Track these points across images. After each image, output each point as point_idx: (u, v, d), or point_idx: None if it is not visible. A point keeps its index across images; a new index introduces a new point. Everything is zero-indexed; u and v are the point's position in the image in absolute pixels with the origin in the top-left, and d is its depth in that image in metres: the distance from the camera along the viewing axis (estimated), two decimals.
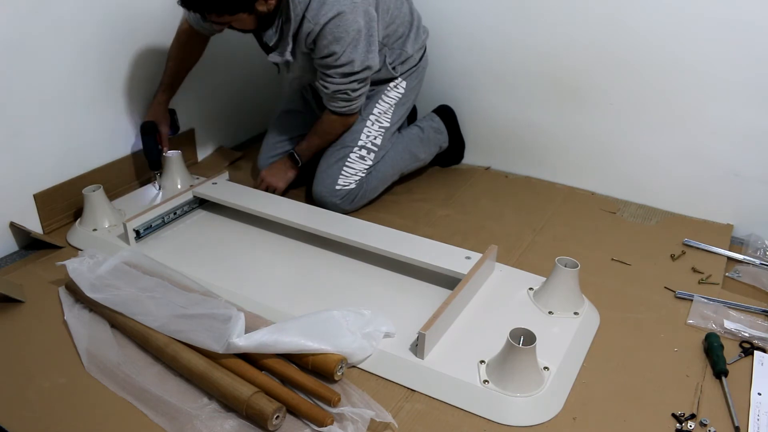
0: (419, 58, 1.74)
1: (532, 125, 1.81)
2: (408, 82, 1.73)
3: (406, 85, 1.72)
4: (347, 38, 1.46)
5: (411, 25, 1.68)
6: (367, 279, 1.39)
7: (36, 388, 1.11)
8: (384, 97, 1.70)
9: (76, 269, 1.28)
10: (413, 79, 1.74)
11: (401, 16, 1.64)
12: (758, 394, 1.10)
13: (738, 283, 1.41)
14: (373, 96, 1.69)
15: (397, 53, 1.66)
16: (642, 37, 1.56)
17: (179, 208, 1.60)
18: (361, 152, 1.66)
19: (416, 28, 1.70)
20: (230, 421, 1.03)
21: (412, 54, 1.69)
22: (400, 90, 1.72)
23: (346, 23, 1.44)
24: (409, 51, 1.68)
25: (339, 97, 1.57)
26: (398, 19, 1.63)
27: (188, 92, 1.83)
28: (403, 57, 1.67)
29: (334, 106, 1.60)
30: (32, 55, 1.45)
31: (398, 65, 1.68)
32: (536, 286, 1.33)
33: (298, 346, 1.09)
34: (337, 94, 1.56)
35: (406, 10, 1.66)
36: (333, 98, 1.58)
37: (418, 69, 1.75)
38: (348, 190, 1.63)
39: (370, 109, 1.68)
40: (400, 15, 1.64)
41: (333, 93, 1.56)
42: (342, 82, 1.53)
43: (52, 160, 1.57)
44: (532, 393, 1.06)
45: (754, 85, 1.48)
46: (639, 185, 1.72)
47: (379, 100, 1.69)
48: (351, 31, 1.45)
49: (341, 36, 1.45)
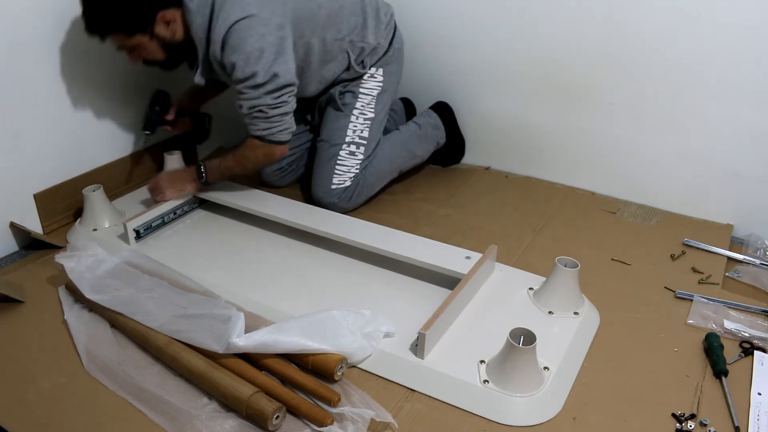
0: (388, 45, 1.66)
1: (532, 125, 1.81)
2: (385, 68, 1.66)
3: (384, 72, 1.66)
4: (245, 47, 1.35)
5: (365, 14, 1.59)
6: (367, 279, 1.39)
7: (36, 388, 1.11)
8: (362, 89, 1.65)
9: (75, 269, 1.28)
10: (390, 65, 1.68)
11: (348, 8, 1.55)
12: (758, 394, 1.10)
13: (738, 283, 1.41)
14: (351, 91, 1.65)
15: (359, 48, 1.59)
16: (642, 37, 1.56)
17: (179, 208, 1.60)
18: (350, 148, 1.64)
19: (374, 18, 1.60)
20: (230, 421, 1.03)
21: (378, 42, 1.62)
22: (378, 79, 1.66)
23: (242, 30, 1.35)
24: (372, 41, 1.60)
25: (255, 115, 1.42)
26: (345, 11, 1.54)
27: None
28: (367, 50, 1.61)
29: (255, 130, 1.44)
30: (32, 55, 1.45)
31: (365, 58, 1.62)
32: (536, 286, 1.33)
33: (298, 346, 1.09)
34: (252, 112, 1.41)
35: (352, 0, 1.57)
36: (250, 119, 1.43)
37: (392, 54, 1.68)
38: (344, 188, 1.63)
39: (352, 104, 1.65)
40: (345, 6, 1.54)
41: (249, 110, 1.41)
42: (253, 95, 1.39)
43: (52, 160, 1.57)
44: (532, 393, 1.06)
45: (754, 85, 1.48)
46: (639, 185, 1.72)
47: (359, 94, 1.65)
48: (249, 38, 1.35)
49: (237, 44, 1.35)
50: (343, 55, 1.59)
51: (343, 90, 1.65)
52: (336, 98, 1.64)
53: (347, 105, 1.65)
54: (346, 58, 1.59)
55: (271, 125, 1.44)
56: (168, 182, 1.57)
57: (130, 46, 1.42)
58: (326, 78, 1.62)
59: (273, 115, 1.42)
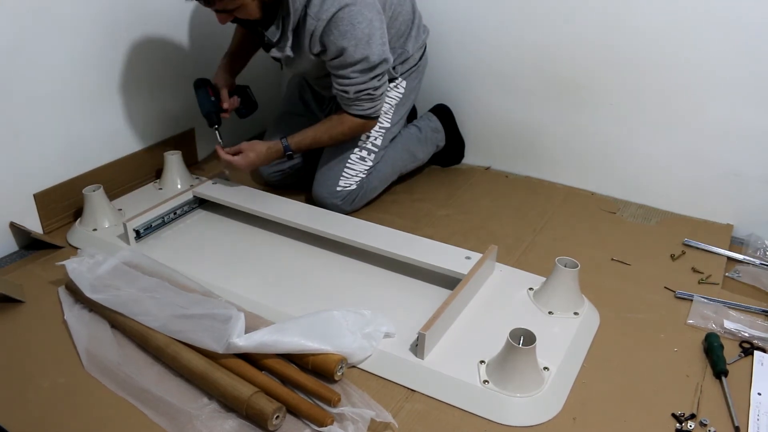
0: (419, 58, 1.73)
1: (532, 125, 1.81)
2: (408, 82, 1.71)
3: (407, 85, 1.71)
4: (356, 32, 1.38)
5: (412, 24, 1.66)
6: (367, 279, 1.39)
7: (36, 388, 1.11)
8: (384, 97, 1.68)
9: (76, 269, 1.28)
10: (413, 79, 1.73)
11: (403, 14, 1.62)
12: (758, 394, 1.10)
13: (738, 283, 1.41)
14: None
15: (398, 52, 1.64)
16: (642, 37, 1.56)
17: (179, 208, 1.60)
18: (361, 153, 1.65)
19: (417, 27, 1.68)
20: (230, 421, 1.03)
21: (413, 53, 1.68)
22: (401, 90, 1.70)
23: (352, 15, 1.37)
24: (410, 50, 1.66)
25: (362, 98, 1.47)
26: (401, 17, 1.60)
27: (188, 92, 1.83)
28: (403, 56, 1.66)
29: (358, 109, 1.50)
30: (32, 55, 1.45)
31: (398, 65, 1.66)
32: (536, 286, 1.33)
33: (298, 346, 1.09)
34: (360, 95, 1.47)
35: (408, 7, 1.64)
36: (356, 100, 1.48)
37: (418, 68, 1.74)
38: (349, 191, 1.63)
39: None
40: (402, 13, 1.61)
41: (356, 95, 1.46)
42: (362, 80, 1.44)
43: (52, 160, 1.57)
44: (532, 393, 1.06)
45: (755, 85, 1.48)
46: (639, 185, 1.72)
47: None
48: (358, 24, 1.37)
49: (347, 30, 1.37)
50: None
51: None
52: None
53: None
54: None
55: (375, 104, 1.51)
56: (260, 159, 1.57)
57: (233, 7, 1.36)
58: None
59: (378, 96, 1.50)
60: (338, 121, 1.55)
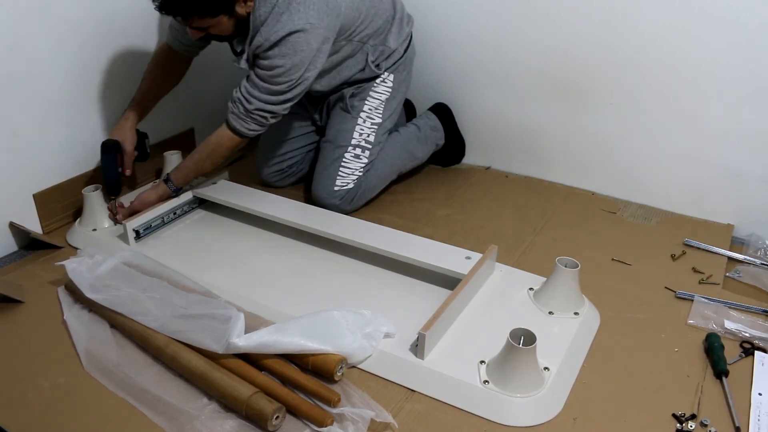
0: (404, 50, 1.69)
1: (532, 125, 1.81)
2: (396, 75, 1.68)
3: (394, 78, 1.68)
4: (295, 58, 1.39)
5: (393, 19, 1.63)
6: (367, 279, 1.39)
7: (36, 388, 1.11)
8: (372, 93, 1.66)
9: (75, 269, 1.28)
10: (401, 71, 1.70)
11: (380, 12, 1.59)
12: (759, 395, 1.10)
13: (738, 283, 1.41)
14: (361, 93, 1.66)
15: (379, 50, 1.62)
16: (642, 37, 1.56)
17: (179, 208, 1.60)
18: (355, 151, 1.65)
19: (399, 21, 1.64)
20: (230, 421, 1.03)
21: (396, 47, 1.65)
22: (389, 84, 1.68)
23: (299, 44, 1.38)
24: (392, 45, 1.63)
25: (256, 117, 1.44)
26: (377, 17, 1.58)
27: (188, 92, 1.83)
28: (386, 53, 1.63)
29: (243, 126, 1.45)
30: (32, 56, 1.45)
31: (382, 62, 1.64)
32: (536, 286, 1.32)
33: (298, 346, 1.09)
34: (255, 114, 1.44)
35: (387, 4, 1.61)
36: (248, 116, 1.44)
37: (405, 60, 1.70)
38: (346, 190, 1.63)
39: (360, 106, 1.66)
40: (380, 11, 1.58)
41: (255, 111, 1.44)
42: (271, 100, 1.43)
43: (52, 160, 1.57)
44: (532, 393, 1.06)
45: (754, 85, 1.48)
46: (639, 185, 1.72)
47: (367, 97, 1.66)
48: (301, 51, 1.39)
49: (288, 53, 1.38)
50: (363, 55, 1.60)
51: (355, 91, 1.66)
52: (346, 98, 1.65)
53: (355, 107, 1.66)
54: (364, 58, 1.61)
55: (258, 129, 1.47)
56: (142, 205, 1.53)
57: (209, 25, 1.38)
58: (342, 75, 1.62)
59: (266, 125, 1.48)
60: (216, 144, 1.49)
